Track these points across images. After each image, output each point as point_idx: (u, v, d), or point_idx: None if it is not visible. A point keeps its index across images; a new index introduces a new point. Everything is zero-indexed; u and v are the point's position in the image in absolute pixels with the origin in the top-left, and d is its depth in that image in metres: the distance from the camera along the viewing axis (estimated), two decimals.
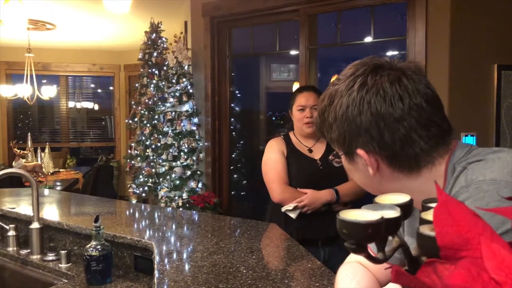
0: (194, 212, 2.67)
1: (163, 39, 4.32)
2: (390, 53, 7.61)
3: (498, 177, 0.67)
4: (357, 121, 0.77)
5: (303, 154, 2.23)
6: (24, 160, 5.13)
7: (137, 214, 2.18)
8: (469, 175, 0.71)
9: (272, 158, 2.23)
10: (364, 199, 2.16)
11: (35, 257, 1.83)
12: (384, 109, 0.75)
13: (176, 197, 3.99)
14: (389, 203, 0.48)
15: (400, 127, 0.75)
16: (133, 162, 4.37)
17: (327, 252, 2.12)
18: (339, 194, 2.11)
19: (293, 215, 2.09)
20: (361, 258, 0.75)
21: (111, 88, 7.56)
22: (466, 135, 2.99)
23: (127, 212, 2.24)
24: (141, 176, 4.24)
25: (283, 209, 2.10)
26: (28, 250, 1.87)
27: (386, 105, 0.75)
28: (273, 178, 2.19)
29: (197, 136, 4.08)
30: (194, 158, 4.04)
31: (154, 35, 4.28)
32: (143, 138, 4.25)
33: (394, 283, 0.38)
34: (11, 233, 1.97)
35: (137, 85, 4.46)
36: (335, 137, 0.82)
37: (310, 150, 2.25)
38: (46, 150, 5.81)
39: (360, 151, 0.78)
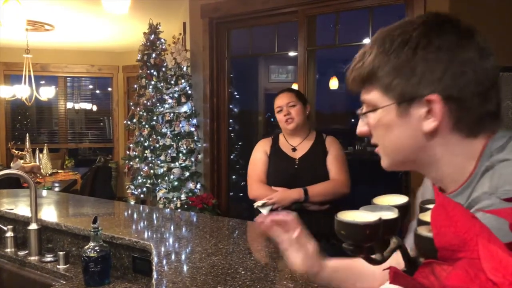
0: (193, 213, 2.67)
1: (162, 40, 4.32)
2: None
3: None
4: (445, 65, 0.70)
5: (284, 154, 2.36)
6: (22, 161, 5.11)
7: (135, 215, 2.17)
8: (495, 180, 0.65)
9: (255, 157, 2.41)
10: (343, 200, 2.25)
11: (33, 258, 1.82)
12: (477, 59, 0.70)
13: (175, 198, 3.99)
14: (387, 204, 0.48)
15: (486, 81, 0.71)
16: (131, 163, 4.36)
17: None
18: (308, 193, 2.18)
19: (264, 211, 2.18)
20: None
21: (109, 89, 7.55)
22: None
23: (126, 213, 2.24)
24: (139, 177, 4.23)
25: (254, 205, 2.21)
26: (26, 251, 1.87)
27: (479, 55, 0.71)
28: (251, 176, 2.37)
29: (195, 137, 4.08)
30: (193, 159, 4.04)
31: (152, 36, 4.27)
32: (142, 139, 4.24)
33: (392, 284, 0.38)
34: (9, 234, 1.96)
35: (135, 86, 4.46)
36: (404, 78, 0.72)
37: (294, 149, 2.36)
38: (44, 151, 5.80)
39: (434, 97, 0.69)
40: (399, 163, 0.79)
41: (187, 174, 4.02)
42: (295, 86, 4.15)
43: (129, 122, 4.52)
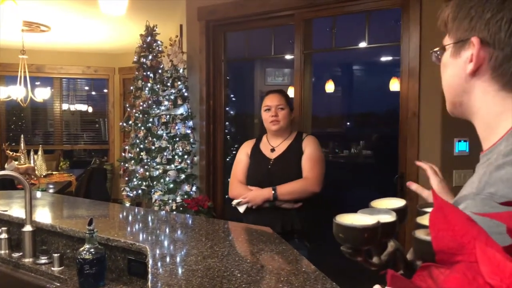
0: (188, 215, 2.66)
1: (158, 42, 4.31)
2: (384, 58, 7.66)
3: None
4: (494, 11, 0.71)
5: (261, 155, 2.49)
6: (16, 163, 5.08)
7: (130, 217, 2.17)
8: (486, 177, 0.65)
9: (237, 158, 2.58)
10: (316, 198, 2.36)
11: (28, 260, 1.81)
12: None
13: (170, 201, 3.97)
14: (385, 208, 0.48)
15: None
16: (127, 165, 4.34)
17: None
18: (277, 192, 2.29)
19: (240, 209, 2.36)
20: None
21: (105, 90, 7.53)
22: (459, 141, 3.01)
23: (121, 215, 2.23)
24: (134, 179, 4.22)
25: (232, 204, 2.39)
26: (21, 253, 1.86)
27: None
28: (232, 176, 2.53)
29: (191, 140, 4.07)
30: (189, 161, 4.03)
31: (149, 38, 4.27)
32: (137, 141, 4.23)
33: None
34: (3, 236, 1.95)
35: (131, 88, 4.45)
36: (459, 21, 0.76)
37: (273, 150, 2.47)
38: (39, 153, 5.77)
39: (475, 39, 0.73)
40: (452, 104, 0.84)
41: (182, 176, 4.01)
42: (291, 89, 4.15)
43: (124, 124, 4.50)
